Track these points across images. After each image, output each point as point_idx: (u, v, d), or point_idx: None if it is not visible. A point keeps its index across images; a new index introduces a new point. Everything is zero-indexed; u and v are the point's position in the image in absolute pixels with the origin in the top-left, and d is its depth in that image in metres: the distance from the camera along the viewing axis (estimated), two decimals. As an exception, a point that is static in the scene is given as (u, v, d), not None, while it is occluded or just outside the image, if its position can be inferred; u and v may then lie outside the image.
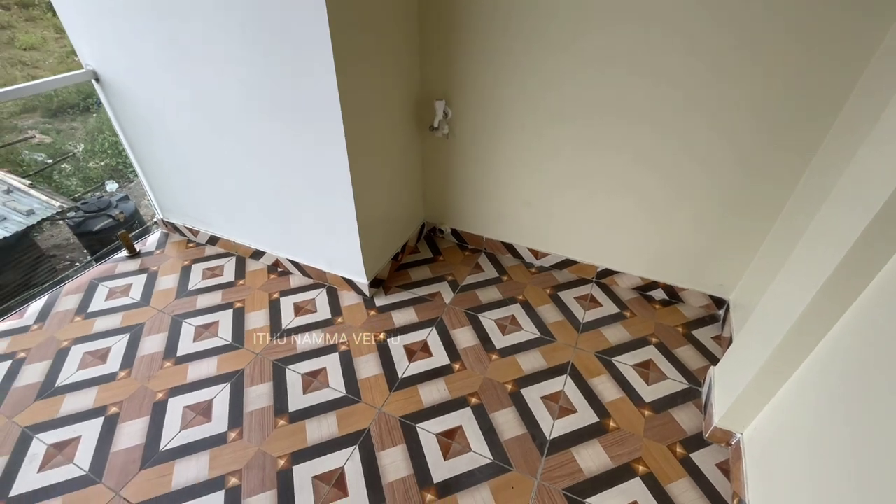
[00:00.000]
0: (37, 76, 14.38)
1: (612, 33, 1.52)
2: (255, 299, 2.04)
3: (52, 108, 12.20)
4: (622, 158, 1.77)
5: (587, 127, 1.76)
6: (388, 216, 2.04)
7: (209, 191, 2.12)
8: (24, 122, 12.20)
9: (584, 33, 1.56)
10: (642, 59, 1.53)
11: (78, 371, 1.71)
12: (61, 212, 6.70)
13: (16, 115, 12.13)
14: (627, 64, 1.56)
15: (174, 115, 1.89)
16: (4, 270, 6.38)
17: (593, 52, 1.59)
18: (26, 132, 11.17)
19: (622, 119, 1.68)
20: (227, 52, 1.56)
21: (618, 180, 1.84)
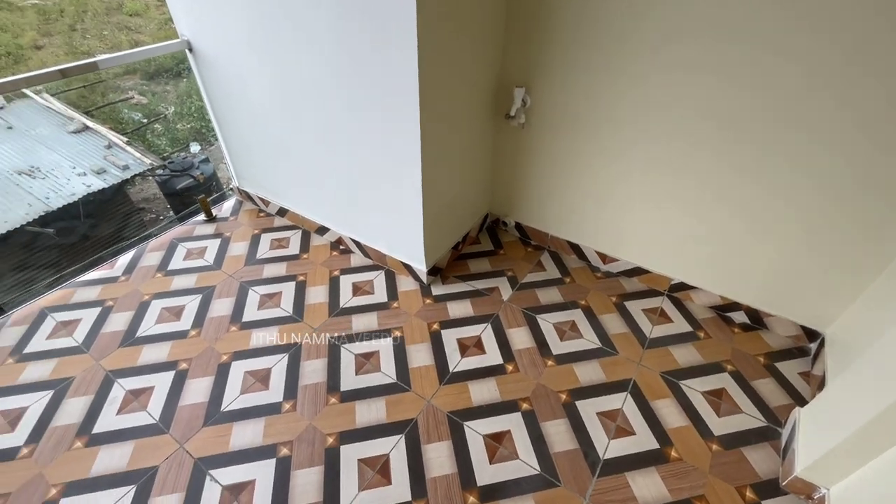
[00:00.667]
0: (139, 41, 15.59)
1: (713, 40, 1.34)
2: (316, 274, 2.09)
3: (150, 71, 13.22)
4: (718, 166, 1.59)
5: (679, 131, 1.59)
6: (453, 204, 1.99)
7: (283, 164, 2.17)
8: (126, 83, 13.32)
9: (679, 39, 1.39)
10: (744, 69, 1.34)
11: (155, 325, 1.84)
12: (151, 169, 7.28)
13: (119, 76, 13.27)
14: (728, 72, 1.38)
15: (257, 89, 1.94)
16: (101, 222, 7.07)
17: (690, 57, 1.42)
18: (127, 92, 12.22)
19: (722, 128, 1.50)
20: (314, 30, 1.55)
21: (710, 188, 1.66)
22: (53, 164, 6.75)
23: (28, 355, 1.71)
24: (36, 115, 7.68)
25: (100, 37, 15.94)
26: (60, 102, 7.94)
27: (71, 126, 7.41)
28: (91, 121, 7.66)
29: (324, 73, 1.65)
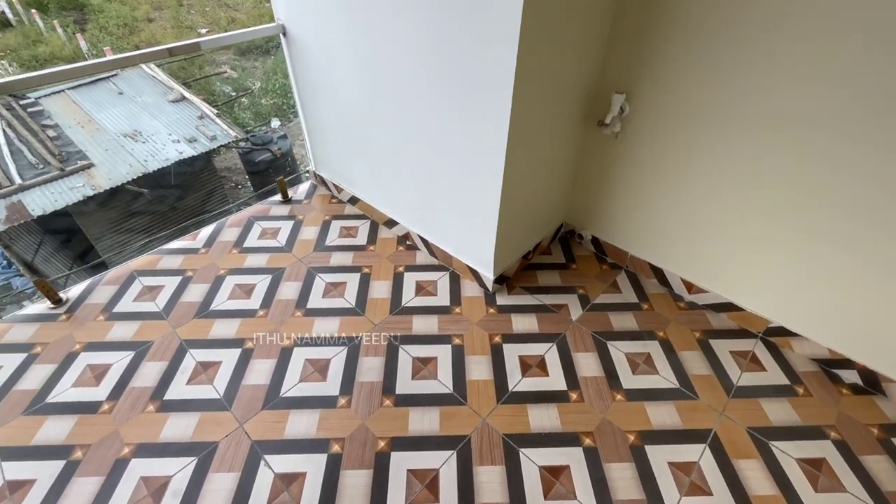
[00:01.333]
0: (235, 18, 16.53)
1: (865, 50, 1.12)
2: (381, 268, 2.07)
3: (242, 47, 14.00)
4: (853, 200, 1.36)
5: (804, 162, 1.37)
6: (528, 211, 1.88)
7: (360, 153, 2.16)
8: (220, 57, 14.23)
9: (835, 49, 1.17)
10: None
11: (228, 300, 1.91)
12: (235, 141, 7.71)
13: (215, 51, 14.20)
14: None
15: (345, 77, 1.93)
16: (190, 184, 7.61)
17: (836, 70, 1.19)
18: (220, 67, 13.06)
19: (870, 161, 1.27)
20: (410, 20, 1.50)
21: (835, 225, 1.42)
22: (153, 129, 7.35)
23: (116, 314, 1.84)
24: (143, 83, 8.38)
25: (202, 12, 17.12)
26: (164, 73, 8.60)
27: (170, 95, 8.02)
28: (188, 91, 8.25)
29: (414, 65, 1.59)
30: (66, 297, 1.91)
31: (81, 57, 13.42)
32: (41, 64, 13.28)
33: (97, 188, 6.27)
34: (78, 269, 6.87)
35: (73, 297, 1.91)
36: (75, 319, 1.83)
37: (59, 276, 6.58)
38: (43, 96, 7.72)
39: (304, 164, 9.04)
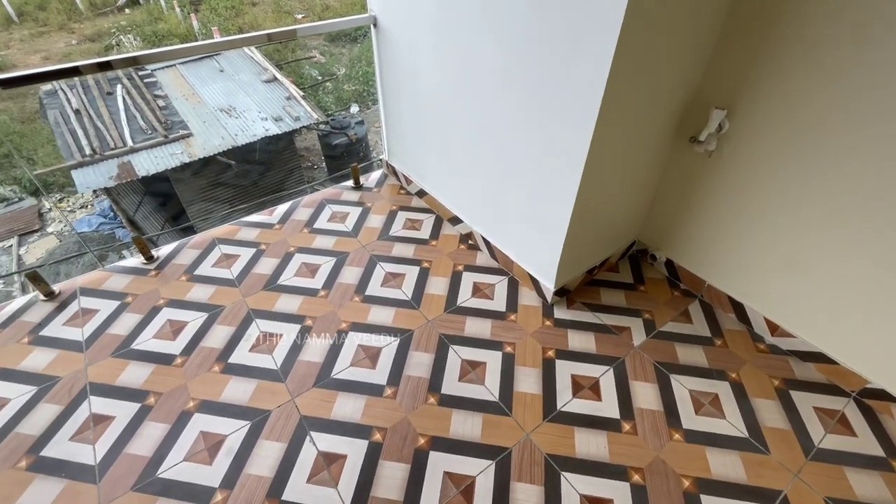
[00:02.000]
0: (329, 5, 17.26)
1: None
2: (440, 264, 2.07)
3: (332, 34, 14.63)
4: None
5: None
6: (599, 225, 1.79)
7: (434, 148, 2.17)
8: (311, 42, 14.95)
9: None
10: None
11: (294, 277, 2.00)
12: (316, 123, 8.09)
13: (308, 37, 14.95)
14: None
15: (429, 72, 1.93)
16: (270, 169, 8.10)
17: None
18: (311, 51, 13.74)
19: None
20: (501, 20, 1.47)
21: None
22: (245, 106, 7.89)
23: (197, 276, 2.00)
24: (241, 63, 9.01)
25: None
26: (260, 54, 9.19)
27: (264, 76, 8.56)
28: (279, 73, 8.76)
29: (497, 68, 1.56)
30: (157, 255, 2.10)
31: (193, 35, 14.72)
32: (159, 39, 14.71)
33: (193, 156, 6.87)
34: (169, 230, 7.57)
35: (162, 256, 2.10)
36: (162, 276, 2.01)
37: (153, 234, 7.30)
38: (157, 69, 8.55)
39: (378, 152, 9.31)
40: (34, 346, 1.70)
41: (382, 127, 2.55)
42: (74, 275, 2.92)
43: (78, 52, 14.39)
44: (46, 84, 8.01)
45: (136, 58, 1.65)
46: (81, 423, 1.47)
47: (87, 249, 7.58)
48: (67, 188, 8.77)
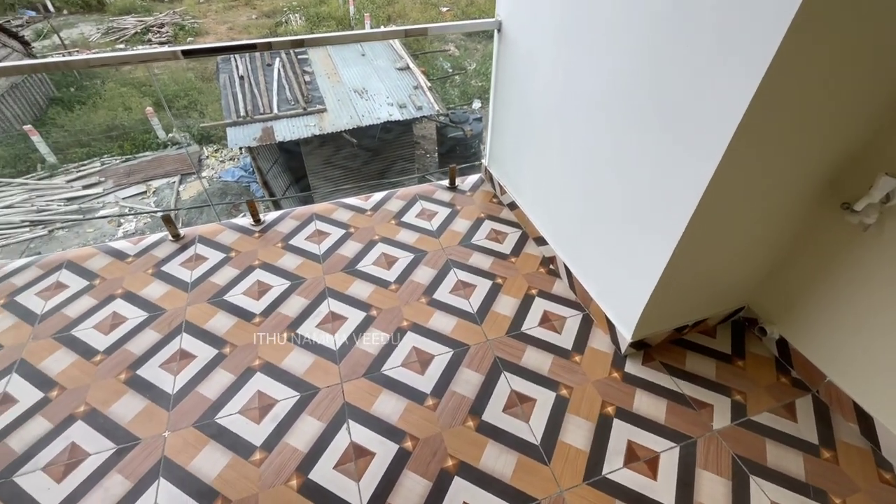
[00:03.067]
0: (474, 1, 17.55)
1: None
2: (514, 283, 1.99)
3: (470, 29, 14.91)
4: None
5: None
6: (703, 278, 1.56)
7: (533, 163, 2.08)
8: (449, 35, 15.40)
9: None
10: None
11: (371, 265, 2.08)
12: (437, 114, 8.33)
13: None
14: None
15: (543, 83, 1.85)
16: (386, 151, 8.53)
17: None
18: (447, 44, 14.17)
19: None
20: (631, 45, 1.33)
21: None
22: (376, 90, 8.41)
23: (290, 246, 2.18)
24: (382, 49, 9.60)
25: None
26: (399, 42, 9.70)
27: (398, 63, 9.03)
28: (413, 63, 9.16)
29: (619, 89, 1.42)
30: (264, 219, 2.33)
31: (348, 19, 16.07)
32: (319, 20, 16.30)
33: (323, 130, 7.53)
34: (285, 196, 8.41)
35: (267, 221, 2.33)
36: (264, 239, 2.22)
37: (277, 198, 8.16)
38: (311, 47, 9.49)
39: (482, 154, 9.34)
40: (154, 279, 2.00)
41: (488, 132, 2.51)
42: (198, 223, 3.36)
43: (255, 25, 16.58)
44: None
45: (295, 40, 1.85)
46: (171, 355, 1.69)
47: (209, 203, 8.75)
48: (222, 142, 10.20)
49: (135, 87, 12.30)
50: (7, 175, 9.56)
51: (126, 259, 2.10)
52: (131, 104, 11.34)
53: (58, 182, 9.45)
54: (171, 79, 12.57)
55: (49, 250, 8.25)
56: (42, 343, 1.73)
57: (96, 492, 1.32)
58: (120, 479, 1.35)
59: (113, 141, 10.41)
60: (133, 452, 1.42)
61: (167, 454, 1.41)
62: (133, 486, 1.34)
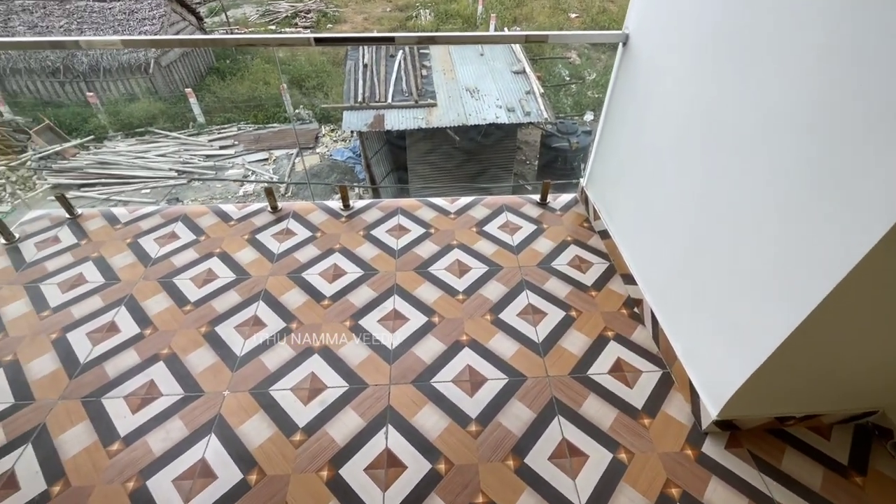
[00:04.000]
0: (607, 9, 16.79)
1: None
2: (590, 320, 1.82)
3: (597, 38, 14.28)
4: None
5: None
6: (827, 366, 1.28)
7: (636, 194, 1.88)
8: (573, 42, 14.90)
9: None
10: None
11: (443, 270, 2.04)
12: (544, 122, 8.10)
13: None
14: None
15: (663, 115, 1.65)
16: (486, 152, 8.49)
17: None
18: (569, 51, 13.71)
19: None
20: (801, 76, 1.11)
21: None
22: (488, 91, 8.40)
23: (371, 236, 2.22)
24: (500, 50, 9.55)
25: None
26: (520, 45, 9.57)
27: (515, 66, 8.92)
28: (530, 67, 8.99)
29: (773, 128, 1.20)
30: (353, 205, 2.41)
31: (474, 18, 16.30)
32: (447, 17, 16.73)
33: (429, 124, 7.71)
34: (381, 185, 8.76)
35: (356, 207, 2.40)
36: (349, 225, 2.29)
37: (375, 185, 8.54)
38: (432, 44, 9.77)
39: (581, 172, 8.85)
40: (248, 245, 2.16)
41: (592, 150, 2.34)
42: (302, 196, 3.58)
43: (387, 17, 17.53)
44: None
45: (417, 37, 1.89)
46: (245, 319, 1.81)
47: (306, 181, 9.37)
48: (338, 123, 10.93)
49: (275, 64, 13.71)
50: (166, 128, 11.23)
51: (229, 222, 2.30)
52: (270, 79, 12.65)
53: (202, 140, 10.89)
54: (306, 60, 13.80)
55: (185, 197, 9.56)
56: (149, 284, 1.96)
57: (158, 432, 1.45)
58: (180, 425, 1.47)
59: (250, 110, 11.70)
60: (196, 402, 1.53)
61: (222, 412, 1.51)
62: (189, 434, 1.45)
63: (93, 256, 2.09)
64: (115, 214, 2.34)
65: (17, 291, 1.92)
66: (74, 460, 1.38)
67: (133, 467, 1.37)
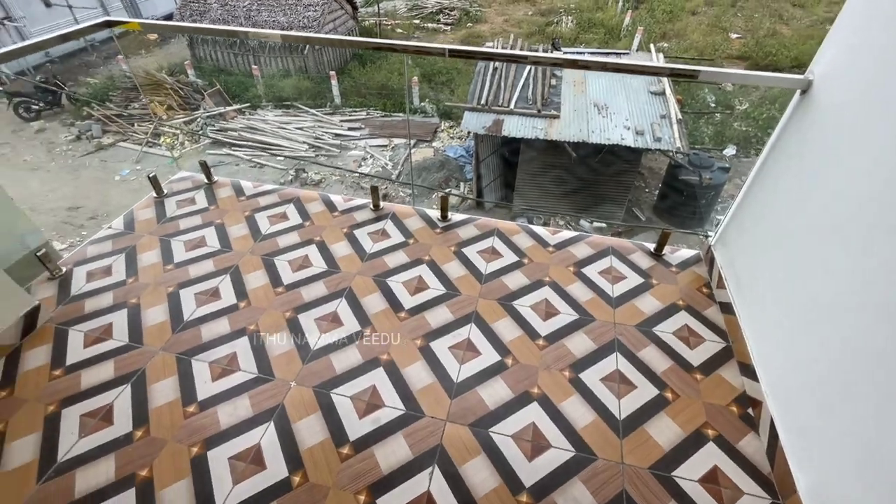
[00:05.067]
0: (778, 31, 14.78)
1: None
2: (687, 409, 1.54)
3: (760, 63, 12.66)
4: None
5: None
6: None
7: (783, 272, 1.54)
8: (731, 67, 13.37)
9: None
10: None
11: (528, 308, 1.89)
12: (676, 151, 7.36)
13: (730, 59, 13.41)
14: None
15: (851, 184, 1.32)
16: (601, 175, 7.94)
17: None
18: (721, 75, 12.28)
19: None
20: None
21: None
22: (618, 109, 7.86)
23: (460, 254, 2.15)
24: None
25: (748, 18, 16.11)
26: (664, 60, 8.79)
27: (654, 87, 8.22)
28: (671, 88, 8.22)
29: None
30: (450, 217, 2.36)
31: (619, 31, 15.40)
32: (589, 26, 16.04)
33: (548, 136, 7.45)
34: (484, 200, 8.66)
35: (452, 220, 2.35)
36: (442, 237, 2.25)
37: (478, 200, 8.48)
38: (568, 52, 9.40)
39: (709, 226, 7.79)
40: (344, 238, 2.23)
41: (733, 205, 1.99)
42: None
43: (527, 21, 17.35)
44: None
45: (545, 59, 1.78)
46: (325, 314, 1.86)
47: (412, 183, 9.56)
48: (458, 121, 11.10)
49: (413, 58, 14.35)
50: (308, 104, 12.41)
51: (334, 212, 2.40)
52: (403, 71, 13.28)
53: (334, 120, 11.84)
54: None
55: (309, 169, 10.48)
56: (253, 259, 2.11)
57: (227, 406, 1.54)
58: (247, 405, 1.55)
59: (380, 98, 12.42)
60: (265, 386, 1.60)
61: (285, 403, 1.55)
62: (252, 416, 1.52)
63: (216, 222, 2.31)
64: (242, 186, 2.57)
65: (153, 242, 2.20)
66: (158, 411, 1.52)
67: (201, 433, 1.47)
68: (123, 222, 2.31)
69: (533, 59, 1.81)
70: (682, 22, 15.85)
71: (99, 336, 1.76)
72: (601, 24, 15.86)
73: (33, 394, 1.57)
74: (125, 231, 2.25)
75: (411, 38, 16.11)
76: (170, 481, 1.36)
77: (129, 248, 2.15)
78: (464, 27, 16.83)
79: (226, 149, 10.66)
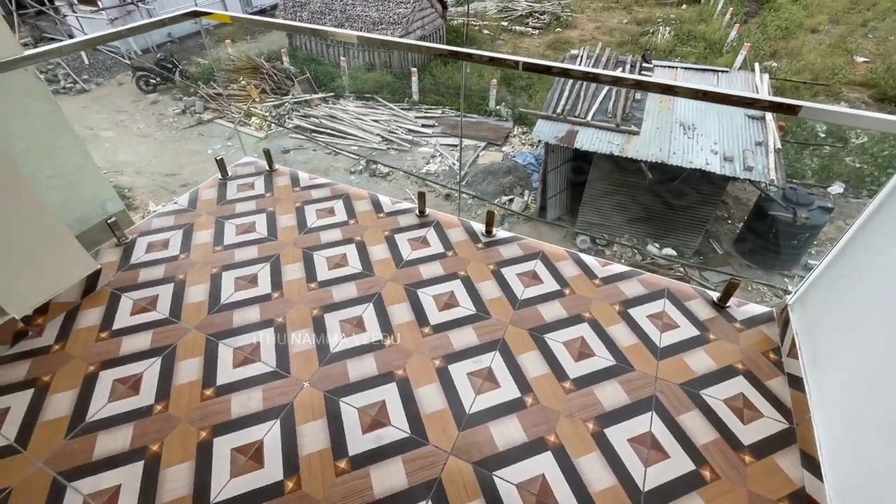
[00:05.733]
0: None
1: None
2: (728, 495, 1.33)
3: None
4: None
5: None
6: None
7: (886, 349, 1.28)
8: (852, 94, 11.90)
9: None
10: None
11: (560, 344, 1.74)
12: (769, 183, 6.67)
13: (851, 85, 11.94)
14: None
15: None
16: (679, 200, 7.34)
17: None
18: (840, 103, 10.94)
19: None
20: None
21: None
22: (706, 131, 7.25)
23: (498, 273, 2.04)
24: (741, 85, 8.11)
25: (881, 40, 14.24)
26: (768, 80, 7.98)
27: (752, 111, 7.47)
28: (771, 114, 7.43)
29: None
30: (495, 233, 2.26)
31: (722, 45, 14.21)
32: (688, 38, 14.98)
33: (623, 153, 7.04)
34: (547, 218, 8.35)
35: (497, 237, 2.24)
36: (483, 253, 2.15)
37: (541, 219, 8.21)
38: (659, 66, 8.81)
39: (789, 283, 6.82)
40: (385, 241, 2.20)
41: (821, 263, 1.70)
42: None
43: (621, 29, 16.57)
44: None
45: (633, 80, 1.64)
46: (351, 317, 1.84)
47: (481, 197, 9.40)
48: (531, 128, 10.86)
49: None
50: (387, 98, 12.76)
51: (379, 213, 2.39)
52: (484, 73, 13.22)
53: (410, 115, 12.06)
54: (523, 60, 13.97)
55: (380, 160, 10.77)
56: (294, 251, 2.15)
57: (240, 396, 1.56)
58: (259, 398, 1.56)
59: (457, 98, 12.45)
60: (279, 382, 1.61)
61: (295, 402, 1.55)
62: (262, 410, 1.53)
63: (268, 210, 2.39)
64: (299, 177, 2.65)
65: (210, 222, 2.31)
66: (179, 389, 1.59)
67: (212, 419, 1.50)
68: (188, 199, 2.46)
69: (610, 78, 1.67)
70: (797, 40, 14.31)
71: (145, 306, 1.87)
72: (702, 37, 14.74)
73: (80, 352, 1.70)
74: (188, 208, 2.40)
75: (496, 39, 15.99)
76: (175, 461, 1.40)
77: (187, 225, 2.29)
78: (552, 32, 16.41)
79: (306, 134, 11.24)
